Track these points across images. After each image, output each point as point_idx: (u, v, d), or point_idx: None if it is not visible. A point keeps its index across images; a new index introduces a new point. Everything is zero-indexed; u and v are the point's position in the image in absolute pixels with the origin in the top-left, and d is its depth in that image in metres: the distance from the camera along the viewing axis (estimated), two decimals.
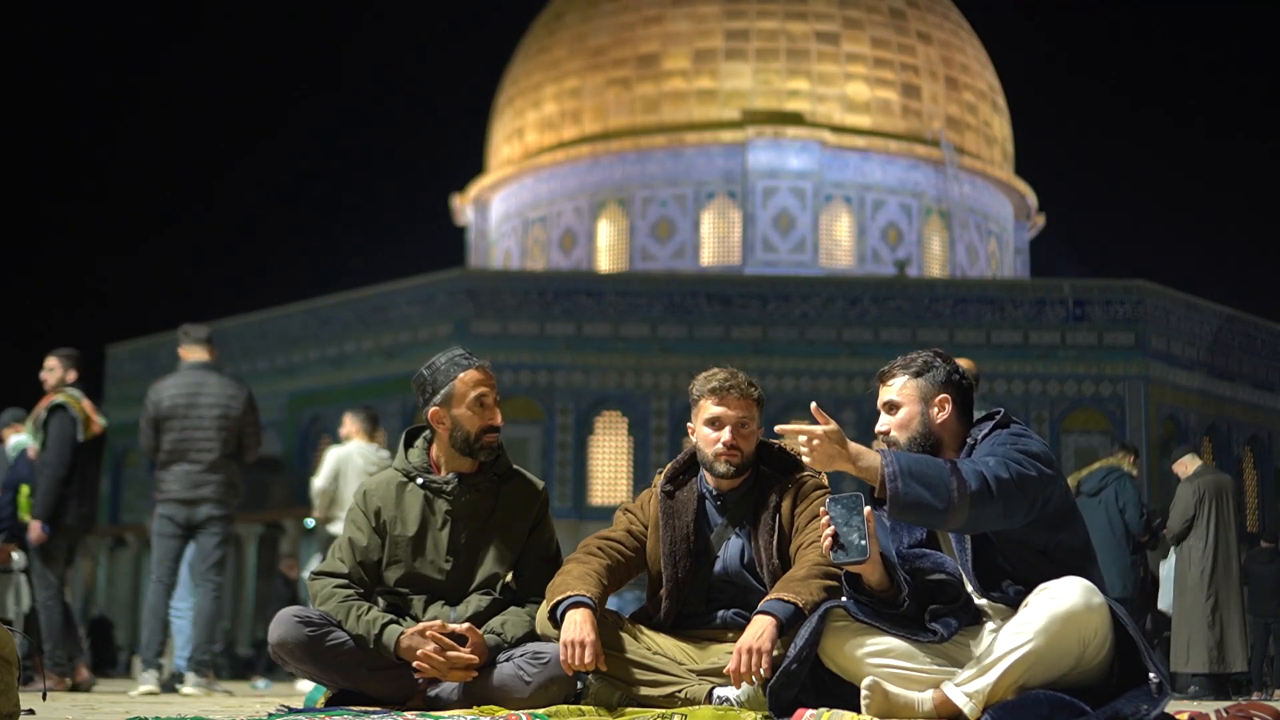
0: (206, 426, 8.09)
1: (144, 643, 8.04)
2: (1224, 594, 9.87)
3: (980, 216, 36.63)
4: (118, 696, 7.26)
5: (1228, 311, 30.78)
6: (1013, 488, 3.31)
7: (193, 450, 8.06)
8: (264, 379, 31.13)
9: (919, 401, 3.60)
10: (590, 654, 3.67)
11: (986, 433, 3.55)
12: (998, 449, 3.43)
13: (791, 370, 27.99)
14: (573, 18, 36.40)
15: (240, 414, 8.18)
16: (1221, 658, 9.82)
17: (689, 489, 4.04)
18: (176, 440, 8.05)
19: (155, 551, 8.15)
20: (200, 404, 8.10)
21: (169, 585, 8.13)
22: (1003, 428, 3.55)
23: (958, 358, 3.90)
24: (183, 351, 8.38)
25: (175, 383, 8.18)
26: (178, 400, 8.09)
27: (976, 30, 37.72)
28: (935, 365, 3.63)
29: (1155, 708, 3.25)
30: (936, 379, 3.61)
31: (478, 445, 4.02)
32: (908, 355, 3.70)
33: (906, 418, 3.60)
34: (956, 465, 3.31)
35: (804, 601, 3.63)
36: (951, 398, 3.61)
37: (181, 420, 8.06)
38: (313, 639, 3.88)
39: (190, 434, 8.06)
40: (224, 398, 8.17)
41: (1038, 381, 28.30)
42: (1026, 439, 3.49)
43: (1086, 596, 3.29)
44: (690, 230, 34.49)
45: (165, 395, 8.11)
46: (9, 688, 3.55)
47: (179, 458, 8.06)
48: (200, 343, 8.36)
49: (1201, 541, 9.93)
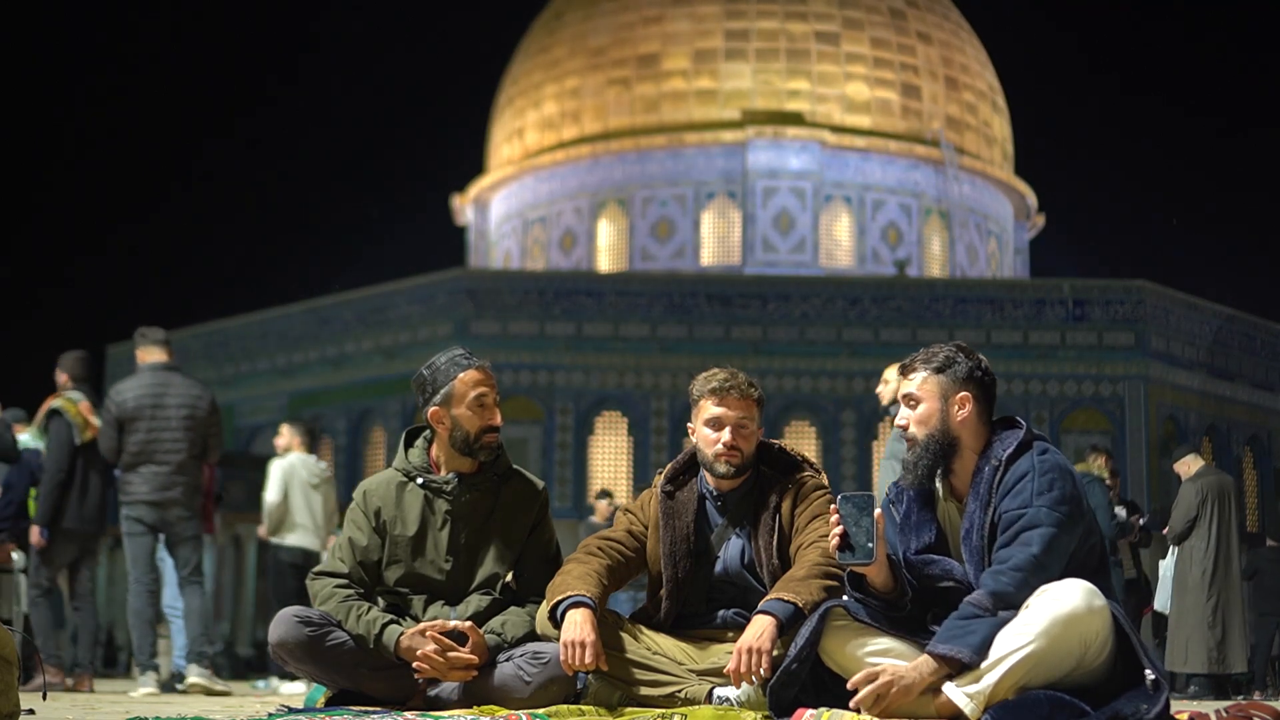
0: (174, 428, 8.04)
1: (136, 646, 8.00)
2: (1225, 594, 9.85)
3: (980, 216, 36.62)
4: (118, 696, 7.25)
5: (1228, 311, 30.76)
6: (1052, 563, 3.36)
7: (160, 451, 8.00)
8: (264, 379, 31.13)
9: (939, 398, 3.56)
10: (590, 654, 3.67)
11: (1012, 453, 3.49)
12: (1039, 507, 3.38)
13: (791, 370, 27.97)
14: (573, 18, 36.39)
15: (206, 415, 8.17)
16: (1222, 658, 9.81)
17: (689, 489, 4.04)
18: (144, 441, 7.98)
19: (129, 553, 8.08)
20: (167, 405, 8.05)
21: (149, 586, 8.07)
22: (1026, 447, 3.50)
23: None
24: (140, 353, 8.32)
25: (139, 384, 8.10)
26: (143, 401, 8.01)
27: (976, 30, 37.72)
28: (958, 361, 3.58)
29: (1154, 706, 3.25)
30: (958, 375, 3.57)
31: (477, 445, 4.02)
32: (930, 348, 3.65)
33: (925, 414, 3.57)
34: (998, 597, 3.32)
35: (804, 601, 3.63)
36: (973, 395, 3.56)
37: (148, 421, 7.99)
38: (313, 639, 3.88)
39: (158, 435, 8.00)
40: (190, 399, 8.13)
41: (1038, 381, 28.28)
42: (1058, 477, 3.43)
43: (1088, 599, 3.28)
44: (690, 230, 34.48)
45: (129, 396, 8.02)
46: (9, 688, 3.55)
47: (146, 459, 7.99)
48: (159, 344, 8.32)
49: (1203, 542, 9.91)
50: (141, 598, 8.01)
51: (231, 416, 29.00)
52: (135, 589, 8.04)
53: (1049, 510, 3.37)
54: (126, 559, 8.17)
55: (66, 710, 4.77)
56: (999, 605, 3.29)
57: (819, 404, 27.93)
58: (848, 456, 27.69)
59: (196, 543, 8.23)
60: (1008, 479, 3.45)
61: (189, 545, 8.16)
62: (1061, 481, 3.42)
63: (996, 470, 3.48)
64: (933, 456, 3.55)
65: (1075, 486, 3.45)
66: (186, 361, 28.50)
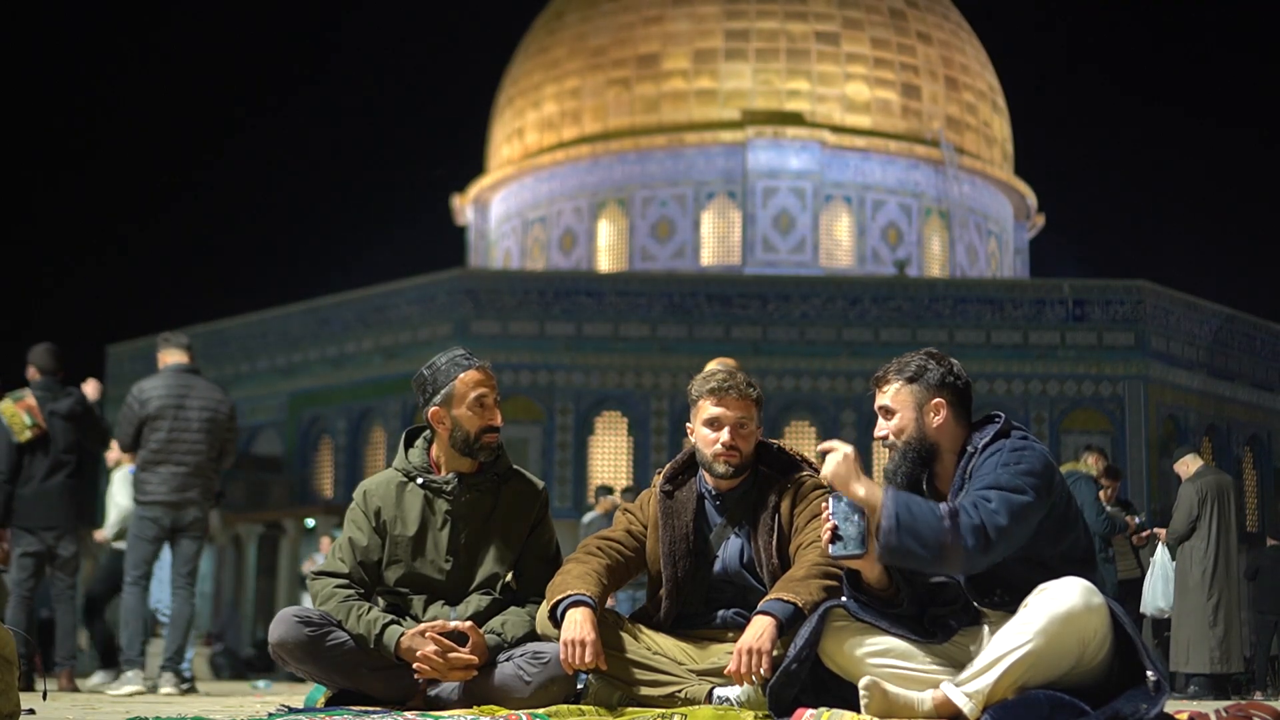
0: (195, 430, 8.08)
1: (126, 642, 7.98)
2: (1225, 594, 9.86)
3: (980, 216, 36.62)
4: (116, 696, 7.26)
5: (1228, 311, 30.76)
6: (1013, 528, 3.32)
7: (180, 452, 8.04)
8: (264, 379, 31.13)
9: (914, 408, 3.59)
10: (590, 653, 3.67)
11: (987, 441, 3.52)
12: (1000, 473, 3.40)
13: (791, 370, 27.97)
14: (573, 18, 36.39)
15: (226, 419, 8.24)
16: (1224, 658, 9.82)
17: (688, 489, 4.04)
18: (164, 441, 8.01)
19: (133, 554, 8.07)
20: (189, 406, 8.10)
21: (146, 586, 8.09)
22: (1004, 436, 3.53)
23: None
24: (163, 355, 8.38)
25: (161, 384, 8.15)
26: (166, 401, 8.05)
27: (976, 30, 37.72)
28: (929, 368, 3.61)
29: (1154, 706, 3.25)
30: (930, 383, 3.59)
31: (477, 445, 4.02)
32: (902, 358, 3.68)
33: (901, 424, 3.61)
34: (956, 518, 3.29)
35: (804, 601, 3.63)
36: (947, 401, 3.59)
37: (170, 421, 8.03)
38: (313, 639, 3.88)
39: (179, 436, 8.04)
40: (212, 402, 8.20)
41: (1037, 381, 28.28)
42: (1028, 453, 3.46)
43: (1086, 597, 3.29)
44: (690, 230, 34.48)
45: (153, 395, 8.07)
46: (9, 688, 3.55)
47: (165, 459, 8.02)
48: (182, 347, 8.39)
49: (1204, 542, 9.91)
50: (137, 595, 8.03)
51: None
52: (132, 589, 8.05)
53: (1011, 476, 3.39)
54: (127, 558, 8.15)
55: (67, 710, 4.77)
56: (949, 516, 3.29)
57: (819, 404, 27.93)
58: None
59: (200, 544, 8.26)
60: (979, 463, 3.49)
61: (196, 545, 8.19)
62: (1031, 458, 3.44)
63: (971, 458, 3.52)
64: (911, 464, 3.59)
65: (1049, 470, 3.46)
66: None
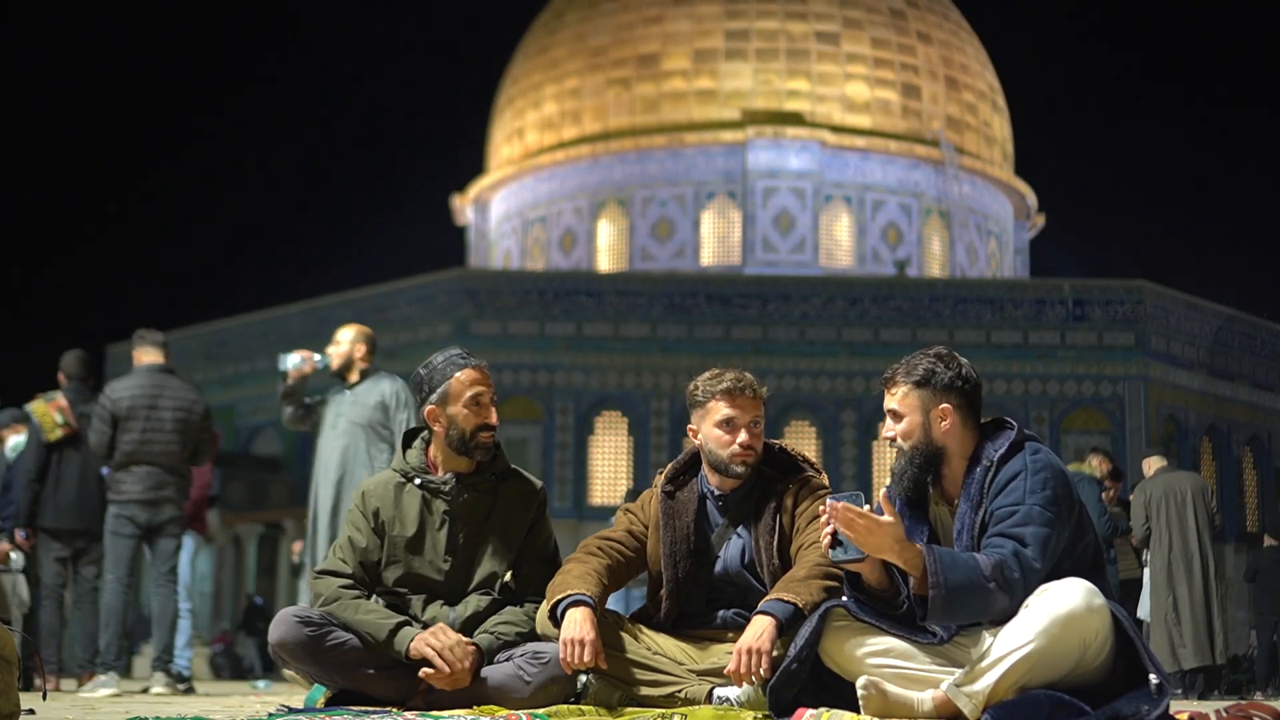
0: (169, 429, 8.10)
1: (104, 645, 7.96)
2: (1180, 592, 9.93)
3: (980, 216, 36.63)
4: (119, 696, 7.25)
5: (1228, 311, 30.78)
6: (1048, 565, 3.34)
7: (153, 452, 8.06)
8: (264, 379, 31.11)
9: (921, 412, 3.56)
10: (590, 653, 3.67)
11: (1004, 453, 3.48)
12: (1031, 504, 3.37)
13: (791, 370, 27.97)
14: (573, 18, 36.40)
15: (199, 419, 8.26)
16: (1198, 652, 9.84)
17: (690, 489, 4.04)
18: (138, 441, 8.02)
19: (112, 552, 8.09)
20: (162, 406, 8.11)
21: (128, 586, 8.11)
22: (1018, 447, 3.50)
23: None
24: (138, 354, 8.39)
25: (134, 384, 8.16)
26: (139, 401, 8.06)
27: (976, 30, 37.74)
28: (938, 371, 3.57)
29: (1155, 708, 3.25)
30: (939, 387, 3.56)
31: (473, 444, 4.02)
32: (912, 359, 3.64)
33: (908, 428, 3.58)
34: (1001, 574, 3.28)
35: (804, 602, 3.63)
36: (955, 405, 3.56)
37: (143, 421, 8.04)
38: (313, 639, 3.88)
39: (152, 435, 8.05)
40: (185, 401, 8.22)
41: (1038, 381, 28.29)
42: (1049, 474, 3.43)
43: (1087, 598, 3.28)
44: (690, 230, 34.49)
45: (125, 395, 8.07)
46: (9, 688, 3.55)
47: (139, 459, 8.03)
48: (157, 346, 8.39)
49: (1159, 544, 10.04)
50: (119, 596, 8.05)
51: (231, 416, 28.99)
52: (115, 588, 8.07)
53: (1042, 509, 3.37)
54: (107, 557, 8.17)
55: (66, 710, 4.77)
56: (995, 578, 3.28)
57: (819, 404, 27.94)
58: (848, 456, 27.70)
59: (178, 543, 8.31)
60: (999, 478, 3.46)
61: (173, 543, 8.24)
62: (1054, 481, 3.43)
63: (988, 471, 3.49)
64: (918, 468, 3.57)
65: (1068, 487, 3.45)
66: (186, 362, 28.53)
